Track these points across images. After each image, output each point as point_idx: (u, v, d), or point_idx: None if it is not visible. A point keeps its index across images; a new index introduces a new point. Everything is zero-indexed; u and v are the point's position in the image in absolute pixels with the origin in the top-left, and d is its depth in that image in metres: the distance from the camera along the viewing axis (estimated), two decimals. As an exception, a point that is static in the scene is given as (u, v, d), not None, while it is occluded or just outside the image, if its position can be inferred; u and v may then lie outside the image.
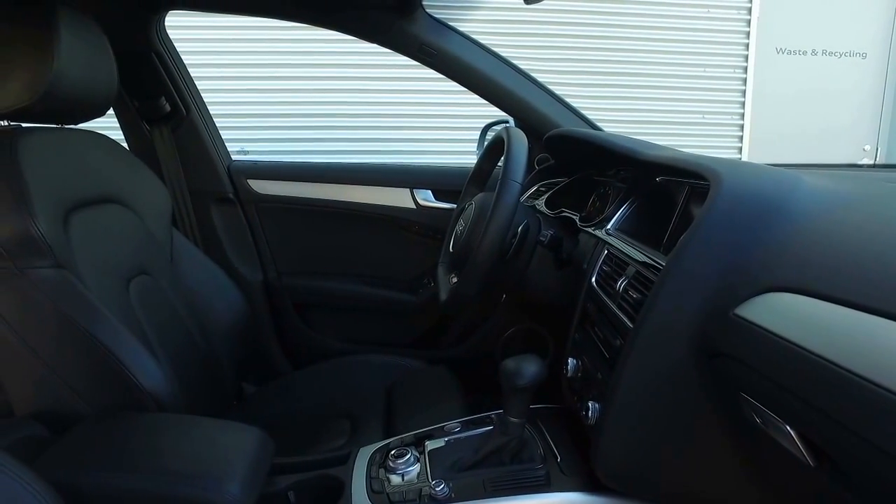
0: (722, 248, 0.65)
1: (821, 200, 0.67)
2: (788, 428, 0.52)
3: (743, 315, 0.59)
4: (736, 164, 0.77)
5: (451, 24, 1.42)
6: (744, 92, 3.45)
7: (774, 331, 0.54)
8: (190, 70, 1.58)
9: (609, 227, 0.98)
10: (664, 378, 0.69)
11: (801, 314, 0.54)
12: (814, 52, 3.46)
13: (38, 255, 0.88)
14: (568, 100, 1.51)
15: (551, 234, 1.09)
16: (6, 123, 0.99)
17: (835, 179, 0.76)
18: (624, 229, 0.98)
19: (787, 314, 0.55)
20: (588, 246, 1.06)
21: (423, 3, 1.35)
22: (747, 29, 3.38)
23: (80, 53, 0.96)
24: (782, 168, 0.78)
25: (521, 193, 0.98)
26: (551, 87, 1.50)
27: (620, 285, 0.83)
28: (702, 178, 0.75)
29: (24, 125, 1.00)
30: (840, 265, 0.55)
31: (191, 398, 1.03)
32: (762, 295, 0.59)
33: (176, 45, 1.54)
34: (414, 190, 1.59)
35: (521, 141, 1.02)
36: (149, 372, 0.92)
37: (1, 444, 0.79)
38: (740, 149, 3.50)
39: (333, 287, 1.66)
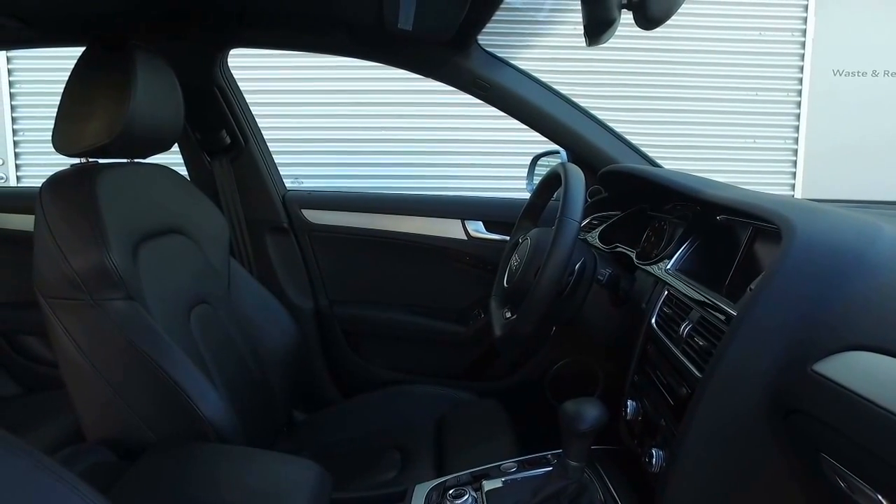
0: (798, 301, 0.63)
1: (904, 252, 0.64)
2: (880, 497, 0.50)
3: (822, 372, 0.57)
4: (809, 210, 0.74)
5: (504, 57, 1.43)
6: (798, 115, 3.34)
7: (859, 392, 0.51)
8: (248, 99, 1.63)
9: (669, 267, 0.96)
10: (736, 432, 0.66)
11: (886, 375, 0.51)
12: (874, 73, 3.33)
13: (111, 288, 0.92)
14: (614, 125, 1.49)
15: (609, 273, 1.08)
16: (84, 160, 1.05)
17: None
18: (684, 269, 0.95)
19: (871, 374, 0.52)
20: (646, 284, 1.03)
21: (478, 38, 1.37)
22: (802, 51, 3.29)
23: (154, 93, 1.02)
24: (860, 214, 0.75)
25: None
26: (598, 113, 1.48)
27: (684, 330, 0.81)
28: (770, 222, 0.73)
29: (100, 161, 1.06)
30: None
31: (245, 425, 1.05)
32: (843, 353, 0.56)
33: (234, 73, 1.59)
34: (465, 221, 1.60)
35: (578, 178, 1.01)
36: (210, 402, 0.95)
37: (75, 469, 0.82)
38: (794, 174, 3.39)
39: (383, 316, 1.67)
